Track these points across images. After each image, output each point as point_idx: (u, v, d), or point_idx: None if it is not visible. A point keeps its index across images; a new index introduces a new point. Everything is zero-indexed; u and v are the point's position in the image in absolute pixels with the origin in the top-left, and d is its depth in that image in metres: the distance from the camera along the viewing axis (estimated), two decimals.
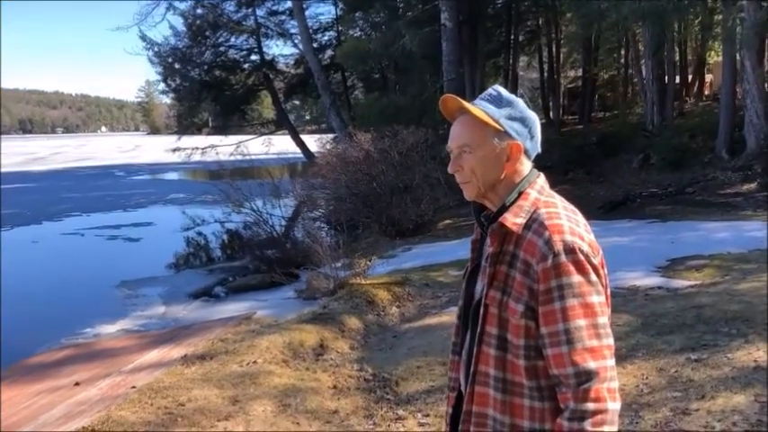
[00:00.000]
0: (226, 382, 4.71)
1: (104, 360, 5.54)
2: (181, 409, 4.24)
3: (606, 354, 1.40)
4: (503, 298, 1.46)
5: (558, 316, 1.38)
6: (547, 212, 1.47)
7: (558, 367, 1.39)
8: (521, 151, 1.53)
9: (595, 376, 1.37)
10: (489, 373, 1.48)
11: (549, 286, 1.39)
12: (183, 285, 9.97)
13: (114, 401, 4.40)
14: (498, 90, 1.57)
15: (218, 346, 5.52)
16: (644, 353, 4.65)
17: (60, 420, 4.16)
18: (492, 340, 1.48)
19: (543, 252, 1.40)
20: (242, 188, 11.38)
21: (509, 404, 1.46)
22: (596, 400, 1.36)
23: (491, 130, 1.51)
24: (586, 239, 1.45)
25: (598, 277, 1.43)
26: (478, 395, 1.51)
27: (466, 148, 1.53)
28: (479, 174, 1.52)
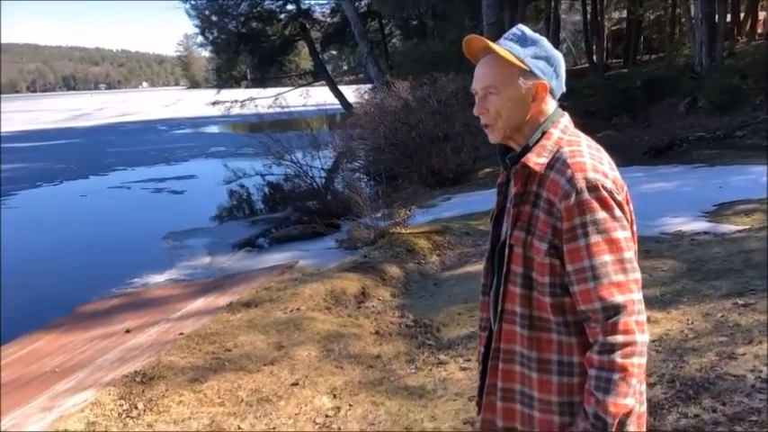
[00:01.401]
0: (270, 328, 4.82)
1: (153, 308, 5.72)
2: (228, 354, 4.37)
3: (633, 288, 1.41)
4: (527, 237, 1.47)
5: (584, 253, 1.39)
6: (570, 151, 1.47)
7: (585, 303, 1.41)
8: (546, 91, 1.51)
9: (623, 309, 1.38)
10: (516, 311, 1.50)
11: (572, 224, 1.40)
12: (226, 236, 10.16)
13: (164, 347, 4.56)
14: (522, 29, 1.55)
15: (262, 294, 5.64)
16: (689, 298, 4.59)
17: (115, 364, 4.32)
18: (517, 279, 1.50)
19: (566, 190, 1.40)
20: (281, 140, 11.42)
21: (536, 339, 1.49)
22: (625, 333, 1.37)
23: (517, 70, 1.49)
24: (610, 176, 1.45)
25: (623, 213, 1.43)
26: (506, 332, 1.53)
27: (492, 89, 1.51)
28: (505, 115, 1.51)
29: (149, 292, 6.69)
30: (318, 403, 3.75)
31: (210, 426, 3.49)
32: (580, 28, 32.63)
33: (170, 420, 3.56)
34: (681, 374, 3.47)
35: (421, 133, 11.75)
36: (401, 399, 3.80)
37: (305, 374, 4.07)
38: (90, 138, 32.81)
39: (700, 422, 3.01)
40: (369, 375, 4.15)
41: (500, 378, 1.57)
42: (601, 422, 1.38)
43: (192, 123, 40.63)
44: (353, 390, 3.90)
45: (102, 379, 4.09)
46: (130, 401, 3.77)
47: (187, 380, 4.01)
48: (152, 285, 7.44)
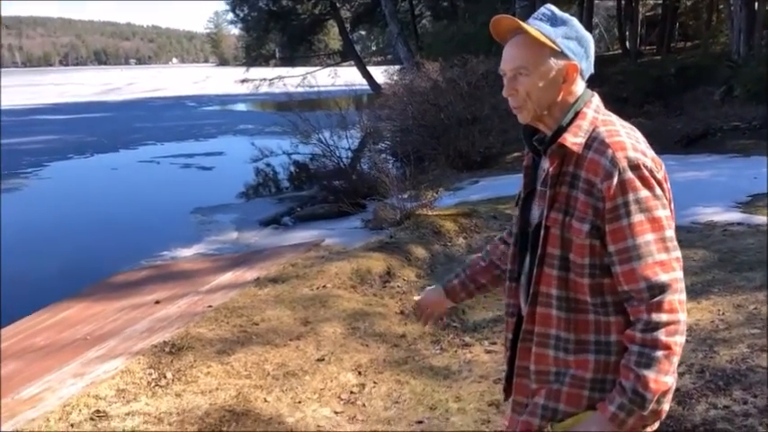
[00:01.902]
0: (297, 304, 4.86)
1: (182, 281, 5.79)
2: (255, 328, 4.42)
3: (675, 266, 1.40)
4: (565, 219, 1.45)
5: (627, 232, 1.38)
6: (606, 130, 1.45)
7: (629, 283, 1.39)
8: (577, 71, 1.49)
9: (668, 288, 1.38)
10: (551, 294, 1.49)
11: (615, 203, 1.38)
12: (253, 213, 10.23)
13: (192, 319, 4.61)
14: (551, 9, 1.52)
15: (289, 271, 5.68)
16: (720, 288, 4.53)
17: (144, 334, 4.39)
18: (554, 261, 1.48)
19: (608, 169, 1.39)
20: (309, 119, 11.43)
21: (573, 321, 1.48)
22: (670, 311, 1.37)
23: (548, 51, 1.47)
24: (649, 155, 1.44)
25: (662, 191, 1.42)
26: (540, 315, 1.52)
27: (522, 70, 1.48)
28: (535, 97, 1.49)
29: (178, 265, 6.78)
30: (344, 379, 3.78)
31: (237, 397, 3.54)
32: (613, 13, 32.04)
33: (198, 391, 3.61)
34: (711, 365, 3.43)
35: (449, 115, 11.67)
36: (426, 378, 3.82)
37: (330, 351, 4.10)
38: (120, 112, 33.16)
39: (730, 413, 2.98)
40: (394, 354, 4.17)
41: (533, 361, 1.56)
42: (639, 397, 1.37)
43: (221, 100, 40.83)
44: (378, 368, 3.93)
45: (132, 348, 4.15)
46: (159, 371, 3.83)
47: (215, 351, 4.06)
48: (180, 259, 7.54)
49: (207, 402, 3.49)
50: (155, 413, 3.41)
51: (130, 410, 3.43)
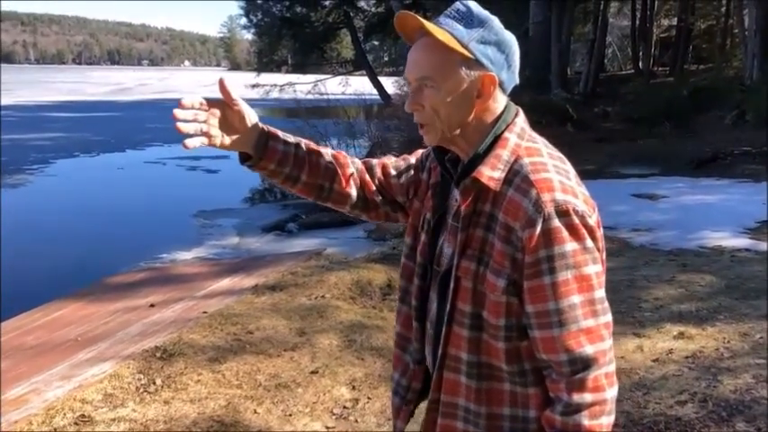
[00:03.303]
0: (294, 313, 4.78)
1: (179, 284, 5.72)
2: (249, 337, 4.34)
3: (604, 334, 1.18)
4: (479, 269, 1.22)
5: (549, 292, 1.15)
6: (531, 163, 1.20)
7: (548, 352, 1.17)
8: (495, 84, 1.22)
9: (593, 363, 1.15)
10: (461, 358, 1.25)
11: (537, 257, 1.15)
12: (256, 218, 10.14)
13: (186, 324, 4.53)
14: (468, 5, 1.24)
15: (288, 279, 5.60)
16: (726, 316, 4.43)
17: (136, 338, 4.31)
18: (465, 319, 1.24)
19: (530, 215, 1.14)
20: (318, 127, 11.38)
21: (485, 391, 1.25)
22: (594, 390, 1.16)
23: (458, 58, 1.19)
24: (580, 196, 1.19)
25: (594, 242, 1.18)
26: (447, 382, 1.29)
27: (427, 81, 1.22)
28: (444, 114, 1.22)
29: (176, 269, 6.70)
30: (337, 393, 3.68)
31: (227, 407, 3.45)
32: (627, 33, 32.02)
33: (187, 399, 3.52)
34: (714, 394, 3.33)
35: None
36: None
37: (325, 363, 4.00)
38: (130, 112, 33.24)
39: None
40: (389, 369, 4.07)
41: None
42: None
43: None
44: (373, 383, 3.83)
45: (123, 352, 4.08)
46: (149, 376, 3.75)
47: (207, 359, 3.98)
48: (179, 262, 7.46)
49: (195, 411, 3.41)
50: (141, 420, 3.33)
51: (116, 416, 3.35)
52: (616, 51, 37.54)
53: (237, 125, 1.36)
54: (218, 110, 1.35)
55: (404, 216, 1.53)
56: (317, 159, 1.45)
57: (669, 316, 4.54)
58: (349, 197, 1.49)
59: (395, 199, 1.52)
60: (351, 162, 1.51)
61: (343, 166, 1.48)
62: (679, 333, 4.18)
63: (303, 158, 1.43)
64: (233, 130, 1.36)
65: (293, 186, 1.46)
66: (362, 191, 1.50)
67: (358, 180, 1.50)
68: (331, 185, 1.47)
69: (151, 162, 16.21)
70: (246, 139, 1.37)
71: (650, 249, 6.47)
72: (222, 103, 1.35)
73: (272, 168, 1.41)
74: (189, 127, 1.30)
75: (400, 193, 1.51)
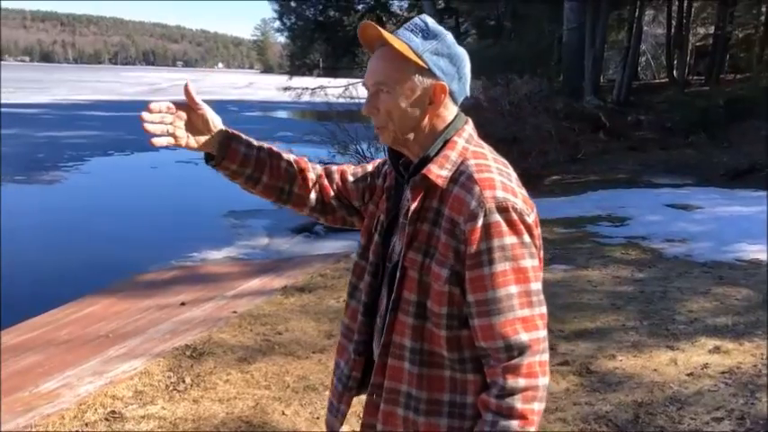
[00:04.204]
0: (322, 315, 4.78)
1: (209, 284, 5.76)
2: (278, 338, 4.35)
3: (539, 324, 1.25)
4: (424, 260, 1.29)
5: (488, 282, 1.22)
6: (476, 164, 1.28)
7: (486, 339, 1.24)
8: (446, 93, 1.31)
9: (527, 349, 1.22)
10: (405, 345, 1.32)
11: (478, 249, 1.22)
12: (286, 220, 10.18)
13: (216, 324, 4.56)
14: (426, 20, 1.34)
15: (317, 281, 5.61)
16: (764, 331, 4.32)
17: (167, 336, 4.35)
18: (410, 308, 1.31)
19: (473, 210, 1.22)
20: (348, 131, 11.41)
21: (426, 377, 1.31)
22: (528, 376, 1.22)
23: (413, 67, 1.28)
24: (519, 195, 1.27)
25: (532, 238, 1.26)
26: (391, 368, 1.34)
27: (383, 86, 1.31)
28: (397, 118, 1.31)
29: (207, 268, 6.76)
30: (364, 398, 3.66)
31: (255, 408, 3.45)
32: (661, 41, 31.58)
33: (215, 398, 3.54)
34: (752, 412, 3.24)
35: (489, 134, 11.50)
36: None
37: None
38: None
39: None
40: None
41: (380, 420, 1.37)
42: None
43: (262, 107, 41.26)
44: None
45: (153, 349, 4.11)
46: (178, 375, 3.78)
47: (236, 359, 4.00)
48: (210, 261, 7.52)
49: (224, 411, 3.42)
50: (170, 418, 3.35)
51: (146, 413, 3.38)
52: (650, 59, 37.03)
53: (201, 127, 1.46)
54: (184, 113, 1.45)
55: (359, 221, 1.60)
56: (278, 162, 1.55)
57: (704, 329, 4.44)
58: (308, 200, 1.58)
59: (351, 203, 1.60)
60: (311, 167, 1.60)
61: (303, 170, 1.57)
62: (715, 347, 4.09)
63: (264, 161, 1.52)
64: (198, 132, 1.46)
65: (254, 187, 1.54)
66: (321, 195, 1.59)
67: (317, 184, 1.58)
68: (291, 188, 1.56)
69: (183, 162, 16.38)
70: (210, 140, 1.47)
71: (684, 261, 6.35)
72: (187, 106, 1.45)
73: (233, 169, 1.50)
74: (155, 128, 1.41)
75: (356, 197, 1.59)
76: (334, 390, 1.57)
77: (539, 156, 11.46)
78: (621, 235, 7.47)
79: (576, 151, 12.91)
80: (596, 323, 4.66)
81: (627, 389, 3.62)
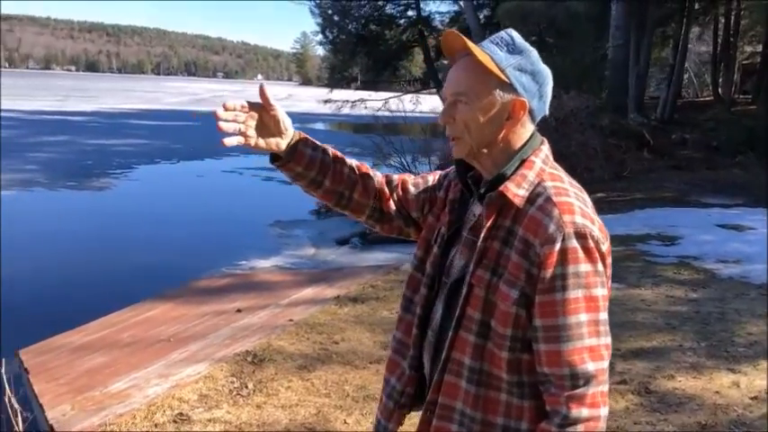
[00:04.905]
0: (376, 326, 4.83)
1: (263, 291, 5.85)
2: (335, 347, 4.41)
3: (604, 354, 1.23)
4: (492, 279, 1.26)
5: (559, 308, 1.20)
6: (554, 187, 1.26)
7: (551, 365, 1.22)
8: (525, 110, 1.29)
9: (593, 379, 1.21)
10: (464, 363, 1.30)
11: (552, 273, 1.20)
12: (330, 230, 10.29)
13: (273, 331, 4.64)
14: (512, 34, 1.32)
15: (368, 292, 5.67)
16: None
17: (226, 341, 4.44)
18: (473, 326, 1.28)
19: (551, 233, 1.20)
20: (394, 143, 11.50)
21: (483, 398, 1.29)
22: (591, 406, 1.21)
23: (494, 80, 1.26)
24: (596, 223, 1.25)
25: (604, 267, 1.24)
26: (447, 384, 1.32)
27: (462, 97, 1.29)
28: (474, 129, 1.29)
29: (259, 276, 6.86)
30: None
31: (317, 415, 3.51)
32: (704, 59, 31.10)
33: (278, 404, 3.60)
34: None
35: None
36: None
37: None
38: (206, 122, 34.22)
39: None
40: None
41: None
42: None
43: (301, 119, 41.65)
44: None
45: (215, 354, 4.20)
46: (241, 380, 3.86)
47: (296, 366, 4.07)
48: (259, 269, 7.63)
49: (287, 417, 3.48)
50: (235, 422, 3.42)
51: (212, 417, 3.45)
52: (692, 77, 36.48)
53: (273, 128, 1.46)
54: (257, 113, 1.44)
55: (415, 231, 1.58)
56: (342, 167, 1.53)
57: (765, 353, 4.37)
58: (366, 207, 1.55)
59: (409, 214, 1.58)
60: (372, 174, 1.57)
61: (364, 176, 1.55)
62: None
63: (328, 165, 1.51)
64: (268, 133, 1.46)
65: (316, 191, 1.53)
66: (380, 203, 1.56)
67: (377, 192, 1.56)
68: (351, 194, 1.53)
69: (228, 171, 16.68)
70: (279, 141, 1.47)
71: (740, 282, 6.24)
72: (261, 107, 1.44)
73: (298, 171, 1.49)
74: (228, 126, 1.41)
75: (415, 208, 1.56)
76: (383, 408, 1.52)
77: (584, 172, 11.37)
78: (673, 254, 7.37)
79: (622, 168, 12.77)
80: (652, 342, 4.61)
81: (689, 410, 3.59)
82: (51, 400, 3.57)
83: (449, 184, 1.51)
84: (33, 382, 3.86)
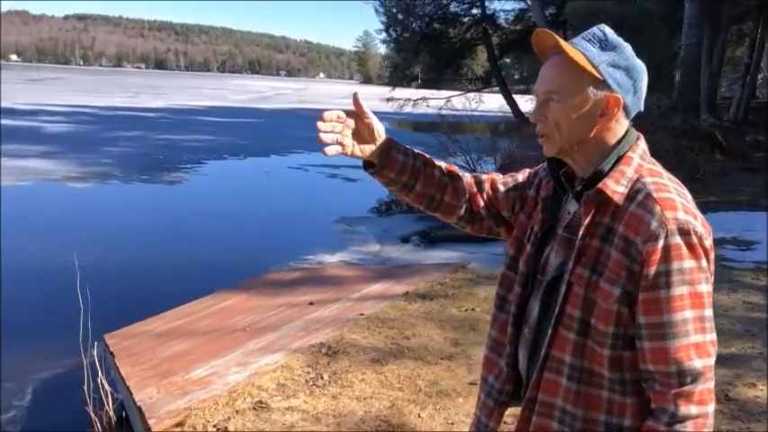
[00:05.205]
0: (446, 323, 4.85)
1: (333, 286, 5.95)
2: (406, 342, 4.46)
3: (711, 350, 1.22)
4: (591, 277, 1.26)
5: (664, 305, 1.20)
6: (654, 183, 1.25)
7: (656, 363, 1.21)
8: (619, 106, 1.28)
9: (700, 376, 1.20)
10: (564, 360, 1.30)
11: (656, 270, 1.19)
12: (395, 227, 10.37)
13: (345, 324, 4.73)
14: (605, 30, 1.31)
15: (437, 289, 5.70)
16: None
17: (300, 333, 4.54)
18: (573, 324, 1.29)
19: (653, 230, 1.19)
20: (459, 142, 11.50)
21: (584, 395, 1.29)
22: (699, 403, 1.20)
23: (587, 77, 1.26)
24: (699, 218, 1.23)
25: (708, 263, 1.23)
26: (547, 382, 1.33)
27: (553, 95, 1.29)
28: (565, 127, 1.29)
29: (327, 270, 6.98)
30: None
31: (391, 409, 3.56)
32: None
33: (353, 396, 3.68)
34: None
35: None
36: None
37: None
38: (270, 119, 34.95)
39: None
40: None
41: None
42: None
43: None
44: None
45: (290, 345, 4.31)
46: (316, 371, 3.95)
47: (369, 360, 4.13)
48: (326, 264, 7.77)
49: (362, 409, 3.55)
50: (312, 412, 3.51)
51: (289, 406, 3.55)
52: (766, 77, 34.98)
53: (367, 136, 1.48)
54: (352, 121, 1.47)
55: (506, 231, 1.59)
56: (432, 171, 1.55)
57: None
58: (457, 209, 1.57)
59: (500, 213, 1.59)
60: (461, 175, 1.59)
61: (454, 178, 1.57)
62: None
63: (420, 169, 1.53)
64: (363, 140, 1.48)
65: (407, 195, 1.56)
66: (470, 204, 1.58)
67: (467, 194, 1.57)
68: (442, 197, 1.55)
69: (294, 168, 16.97)
70: (373, 148, 1.49)
71: None
72: (355, 114, 1.47)
73: (391, 177, 1.51)
74: (328, 137, 1.44)
75: (506, 207, 1.57)
76: (482, 406, 1.55)
77: None
78: (750, 259, 7.13)
79: (695, 170, 12.38)
80: (731, 349, 4.49)
81: None
82: (138, 384, 3.73)
83: (540, 181, 1.52)
84: (119, 365, 4.05)
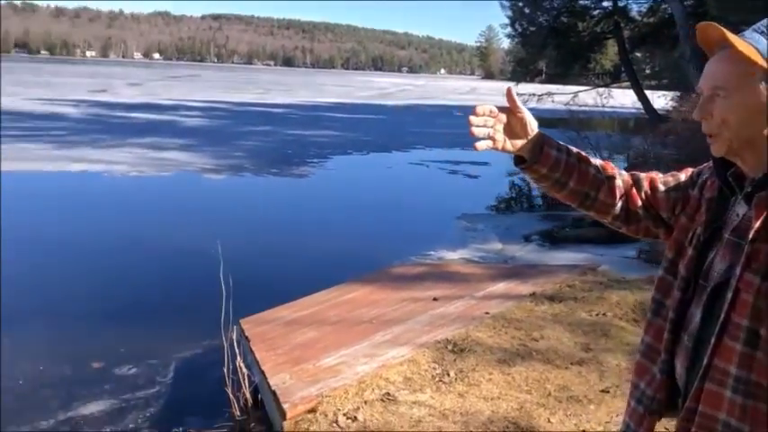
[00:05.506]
0: (576, 327, 4.70)
1: (456, 282, 5.92)
2: (534, 344, 4.35)
3: None
4: (762, 284, 1.16)
5: None
6: None
7: None
8: None
9: None
10: (729, 372, 1.19)
11: None
12: (517, 226, 10.21)
13: (471, 322, 4.69)
14: None
15: (565, 291, 5.53)
16: None
17: (426, 328, 4.56)
18: (740, 333, 1.18)
19: None
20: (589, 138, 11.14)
21: (750, 409, 1.17)
22: None
23: (758, 71, 1.15)
24: None
25: None
26: (709, 393, 1.22)
27: (720, 91, 1.19)
28: (734, 124, 1.19)
29: (450, 267, 6.96)
30: None
31: (520, 411, 3.50)
32: None
33: (480, 395, 3.64)
34: None
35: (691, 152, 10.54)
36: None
37: (615, 383, 3.87)
38: (393, 116, 35.41)
39: None
40: None
41: None
42: None
43: None
44: None
45: (416, 339, 4.33)
46: (443, 367, 3.94)
47: (495, 360, 4.08)
48: (448, 260, 7.75)
49: (489, 409, 3.50)
50: (439, 408, 3.51)
51: (416, 400, 3.57)
52: None
53: (519, 130, 1.44)
54: (504, 116, 1.43)
55: (665, 233, 1.49)
56: (586, 168, 1.48)
57: None
58: (613, 208, 1.50)
59: (659, 214, 1.50)
60: (618, 173, 1.51)
61: (610, 176, 1.49)
62: None
63: (573, 166, 1.47)
64: (514, 135, 1.44)
65: (559, 192, 1.50)
66: (626, 203, 1.50)
67: (624, 192, 1.49)
68: (596, 194, 1.49)
69: (415, 163, 17.10)
70: (525, 143, 1.45)
71: None
72: (508, 110, 1.43)
73: (543, 172, 1.46)
74: (479, 131, 1.42)
75: (666, 208, 1.48)
76: (632, 412, 1.48)
77: None
78: None
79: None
80: None
81: None
82: (272, 368, 3.88)
83: (704, 182, 1.43)
84: (255, 350, 4.23)
